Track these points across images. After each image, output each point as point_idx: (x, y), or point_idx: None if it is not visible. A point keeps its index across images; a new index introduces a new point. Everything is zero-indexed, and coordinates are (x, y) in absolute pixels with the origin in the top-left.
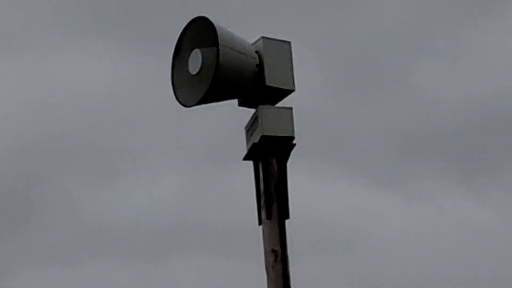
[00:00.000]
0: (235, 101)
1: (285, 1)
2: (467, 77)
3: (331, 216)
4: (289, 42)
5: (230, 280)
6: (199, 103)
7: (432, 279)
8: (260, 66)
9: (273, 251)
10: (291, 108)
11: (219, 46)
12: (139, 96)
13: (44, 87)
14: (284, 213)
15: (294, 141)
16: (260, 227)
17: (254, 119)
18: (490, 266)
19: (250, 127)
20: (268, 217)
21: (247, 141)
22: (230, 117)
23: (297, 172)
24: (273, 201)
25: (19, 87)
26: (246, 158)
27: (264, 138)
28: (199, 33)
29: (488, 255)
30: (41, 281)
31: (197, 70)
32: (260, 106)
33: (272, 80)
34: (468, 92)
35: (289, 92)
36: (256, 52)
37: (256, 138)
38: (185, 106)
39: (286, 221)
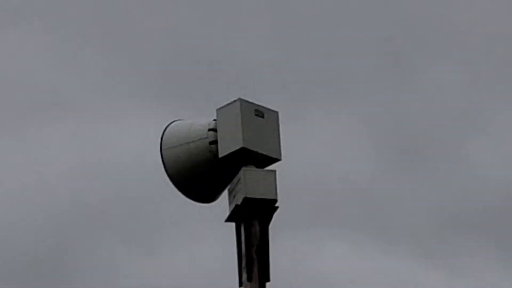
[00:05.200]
0: None
1: (340, 74)
2: None
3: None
4: (239, 100)
5: None
6: (201, 201)
7: None
8: (215, 141)
9: None
10: (274, 171)
11: (162, 151)
12: None
13: (96, 150)
14: (265, 276)
15: (276, 204)
16: None
17: (238, 181)
18: None
19: (233, 189)
20: (249, 279)
21: (230, 202)
22: None
23: (341, 242)
24: (254, 264)
25: (72, 148)
26: (228, 219)
27: (246, 200)
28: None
29: None
30: None
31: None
32: (243, 168)
33: (223, 150)
34: None
35: (245, 150)
36: (211, 129)
37: (238, 200)
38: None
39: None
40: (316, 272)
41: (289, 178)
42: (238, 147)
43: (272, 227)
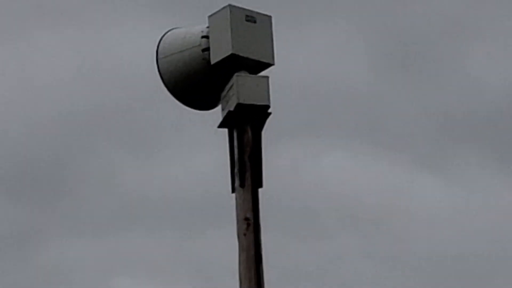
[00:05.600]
0: None
1: None
2: None
3: (366, 194)
4: (228, 6)
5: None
6: (199, 109)
7: (461, 256)
8: (208, 48)
9: (246, 219)
10: (267, 77)
11: (157, 60)
12: None
13: (93, 58)
14: (257, 182)
15: (269, 110)
16: (234, 195)
17: (230, 87)
18: None
19: (226, 95)
20: (242, 185)
21: (223, 108)
22: None
23: (338, 149)
24: (246, 169)
25: (69, 56)
26: (221, 125)
27: (239, 106)
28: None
29: None
30: (73, 250)
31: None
32: (236, 74)
33: (215, 56)
34: None
35: (235, 55)
36: (204, 36)
37: (231, 106)
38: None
39: (261, 190)
40: (313, 179)
41: (286, 85)
42: (228, 54)
43: (270, 134)
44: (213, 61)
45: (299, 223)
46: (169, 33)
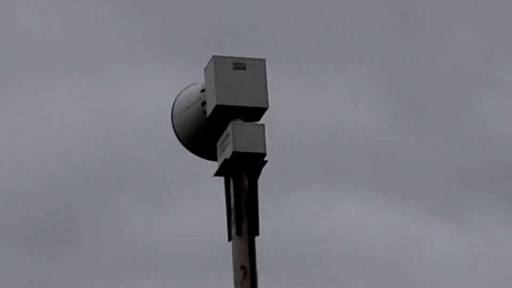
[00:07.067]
0: None
1: (351, 28)
2: None
3: (380, 242)
4: (213, 57)
5: None
6: (210, 159)
7: None
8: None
9: (242, 267)
10: (263, 125)
11: (172, 119)
12: None
13: (107, 109)
14: (254, 230)
15: (265, 158)
16: (230, 243)
17: (226, 135)
18: None
19: (222, 143)
20: (238, 233)
21: (219, 156)
22: None
23: (350, 197)
24: (243, 218)
25: (84, 108)
26: (217, 174)
27: (235, 154)
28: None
29: None
30: None
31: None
32: (232, 122)
33: (208, 109)
34: None
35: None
36: (202, 90)
37: (227, 154)
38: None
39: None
40: (324, 227)
41: (298, 132)
42: (214, 105)
43: (282, 182)
44: (207, 114)
45: (309, 270)
46: (184, 90)
